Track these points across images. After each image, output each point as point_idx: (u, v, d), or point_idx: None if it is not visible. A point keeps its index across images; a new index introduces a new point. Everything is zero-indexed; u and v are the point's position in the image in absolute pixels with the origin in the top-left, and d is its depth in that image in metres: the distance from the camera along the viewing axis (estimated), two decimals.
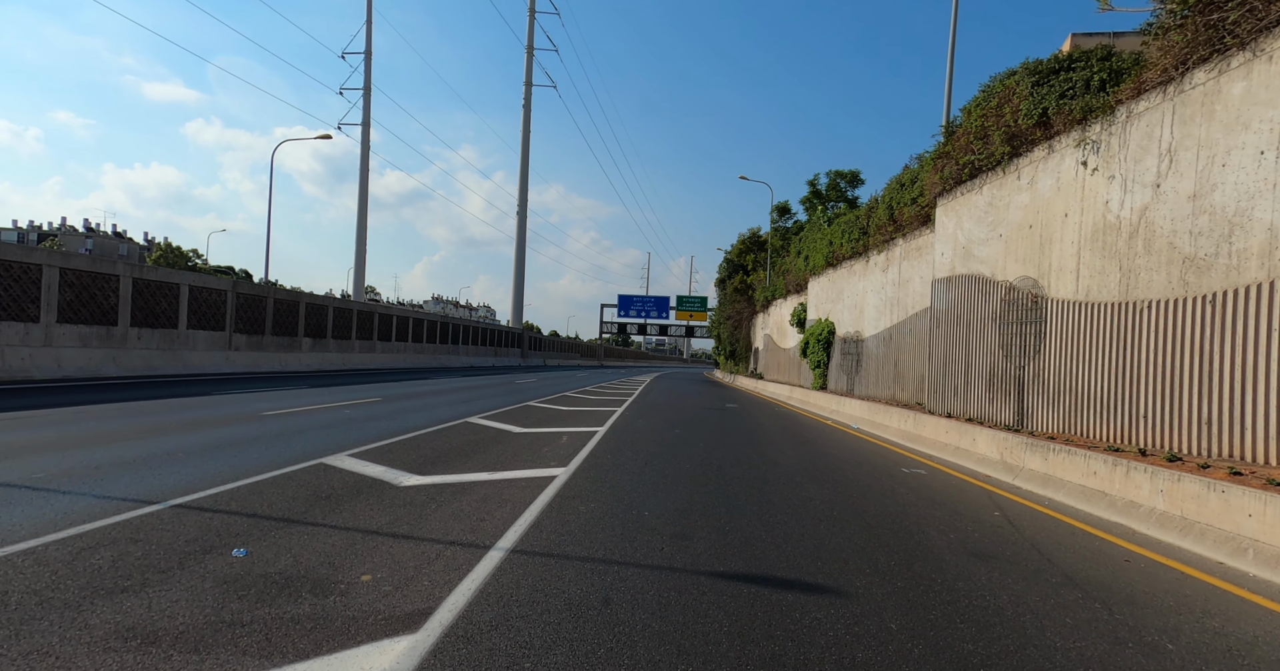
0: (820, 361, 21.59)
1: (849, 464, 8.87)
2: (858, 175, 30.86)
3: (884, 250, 16.86)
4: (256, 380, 18.69)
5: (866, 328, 18.15)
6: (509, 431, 10.12)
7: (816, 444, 10.87)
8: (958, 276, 11.42)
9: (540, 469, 7.12)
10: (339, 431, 9.02)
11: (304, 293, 26.80)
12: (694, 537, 4.74)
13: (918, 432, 11.50)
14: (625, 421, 12.46)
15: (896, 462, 9.24)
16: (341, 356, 28.76)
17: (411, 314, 37.49)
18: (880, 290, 17.11)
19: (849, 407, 16.07)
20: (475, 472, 6.71)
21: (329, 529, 4.42)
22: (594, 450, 8.66)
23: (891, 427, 12.80)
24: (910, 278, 15.07)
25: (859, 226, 18.54)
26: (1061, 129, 8.38)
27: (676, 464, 7.91)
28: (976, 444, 9.24)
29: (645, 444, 9.51)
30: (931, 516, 5.91)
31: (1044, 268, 8.80)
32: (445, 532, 4.49)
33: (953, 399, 11.61)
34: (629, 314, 68.40)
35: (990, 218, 10.31)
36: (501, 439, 9.26)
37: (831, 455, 9.61)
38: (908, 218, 14.75)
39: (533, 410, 13.74)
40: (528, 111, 58.95)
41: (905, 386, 15.08)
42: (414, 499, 5.44)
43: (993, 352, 10.10)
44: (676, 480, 6.88)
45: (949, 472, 8.60)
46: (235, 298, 21.66)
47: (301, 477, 5.97)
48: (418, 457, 7.34)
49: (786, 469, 8.06)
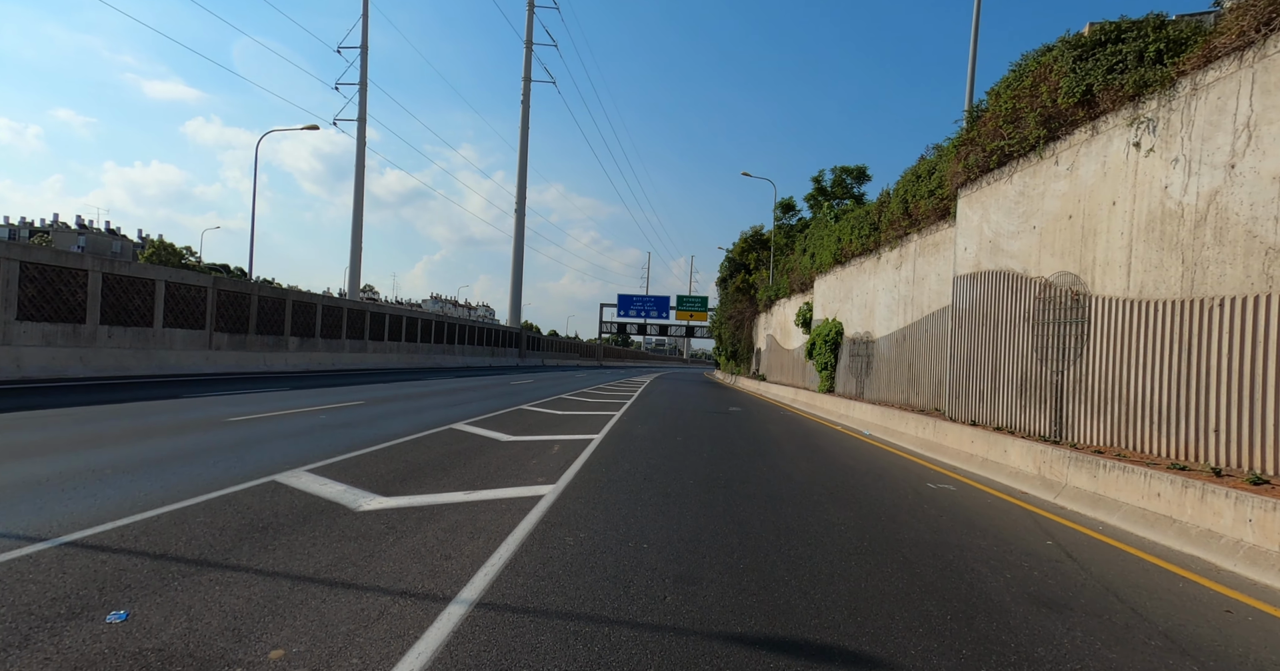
0: (827, 363, 20.76)
1: (868, 477, 8.04)
2: (864, 171, 30.00)
3: (897, 246, 16.02)
4: (237, 381, 17.84)
5: (877, 328, 17.31)
6: (496, 440, 9.28)
7: (829, 453, 10.04)
8: (983, 273, 10.58)
9: (525, 486, 6.28)
10: (306, 441, 8.17)
11: (291, 290, 25.91)
12: (703, 580, 3.91)
13: (938, 441, 10.67)
14: (623, 427, 11.63)
15: (920, 476, 8.41)
16: (331, 356, 27.86)
17: (405, 313, 36.55)
18: (892, 289, 16.27)
19: (859, 412, 15.24)
20: (450, 492, 5.87)
21: (252, 574, 3.57)
22: (588, 462, 7.83)
23: (908, 435, 11.96)
24: (926, 275, 14.23)
25: (869, 222, 17.69)
26: (1109, 107, 7.54)
27: (679, 479, 7.08)
28: (1008, 456, 8.41)
29: (645, 454, 8.68)
30: (975, 546, 5.08)
31: (1087, 262, 7.96)
32: (398, 578, 3.65)
33: (977, 405, 10.76)
34: (629, 314, 67.56)
35: (1021, 208, 9.47)
36: (486, 449, 8.42)
37: (847, 467, 8.78)
38: (924, 211, 13.91)
39: (525, 415, 12.90)
40: (526, 107, 58.09)
41: (920, 390, 14.24)
42: (369, 529, 4.59)
43: (1025, 355, 9.26)
44: (680, 500, 6.05)
45: (981, 488, 7.77)
46: (216, 295, 20.76)
47: (243, 501, 5.12)
48: (387, 473, 6.49)
49: (801, 484, 7.23)
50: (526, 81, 58.04)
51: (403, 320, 36.03)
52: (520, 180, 59.37)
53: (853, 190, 30.12)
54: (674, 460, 8.35)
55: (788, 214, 35.56)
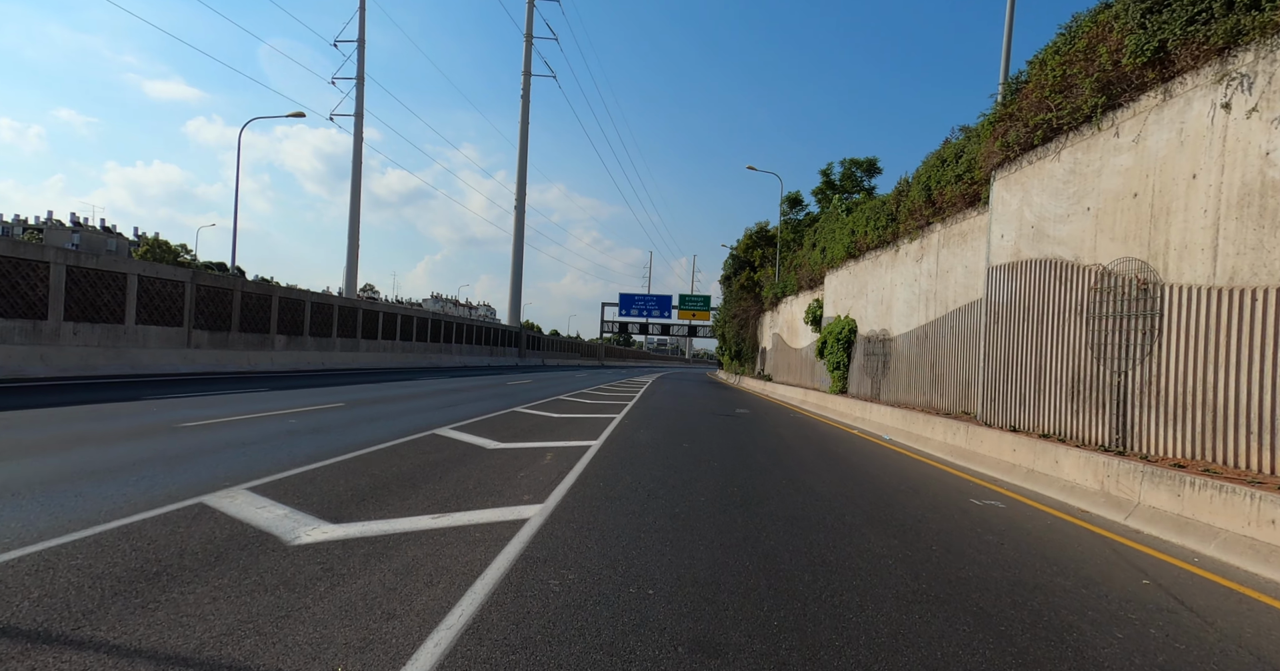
0: (840, 363, 19.73)
1: (902, 492, 7.03)
2: (874, 163, 28.94)
3: (917, 237, 14.99)
4: (214, 381, 16.86)
5: (895, 325, 16.28)
6: (482, 447, 8.28)
7: (852, 462, 9.03)
8: (1025, 261, 9.55)
9: (508, 507, 5.28)
10: (260, 451, 7.16)
11: (277, 285, 24.86)
12: (728, 648, 2.91)
13: (971, 449, 9.64)
14: (624, 432, 10.62)
15: (960, 490, 7.39)
16: (321, 355, 26.82)
17: (400, 311, 35.47)
18: (912, 283, 15.24)
19: (876, 415, 14.22)
20: (415, 516, 4.86)
21: (100, 654, 2.56)
22: (584, 474, 6.82)
23: (935, 441, 10.94)
24: (951, 267, 13.20)
25: (886, 212, 16.67)
26: (1188, 65, 6.51)
27: (689, 495, 6.07)
28: (1060, 467, 7.39)
29: (648, 464, 7.67)
30: (1059, 588, 4.07)
31: (1157, 246, 6.93)
32: (315, 651, 2.65)
33: (1017, 409, 9.74)
34: (630, 313, 66.57)
35: (1072, 188, 8.44)
36: (469, 458, 7.42)
37: (875, 479, 7.77)
38: (949, 198, 12.88)
39: (518, 418, 11.89)
40: (526, 102, 57.05)
41: (945, 392, 13.22)
42: (299, 572, 3.59)
43: (1077, 353, 8.23)
44: (691, 524, 5.04)
45: (1033, 506, 6.77)
46: (195, 290, 19.72)
47: (149, 533, 4.11)
48: (345, 491, 5.48)
49: (828, 501, 6.22)
50: (526, 76, 57.04)
51: (397, 318, 34.95)
52: (520, 176, 58.38)
53: (863, 183, 29.07)
54: (682, 471, 7.35)
55: (795, 209, 34.49)
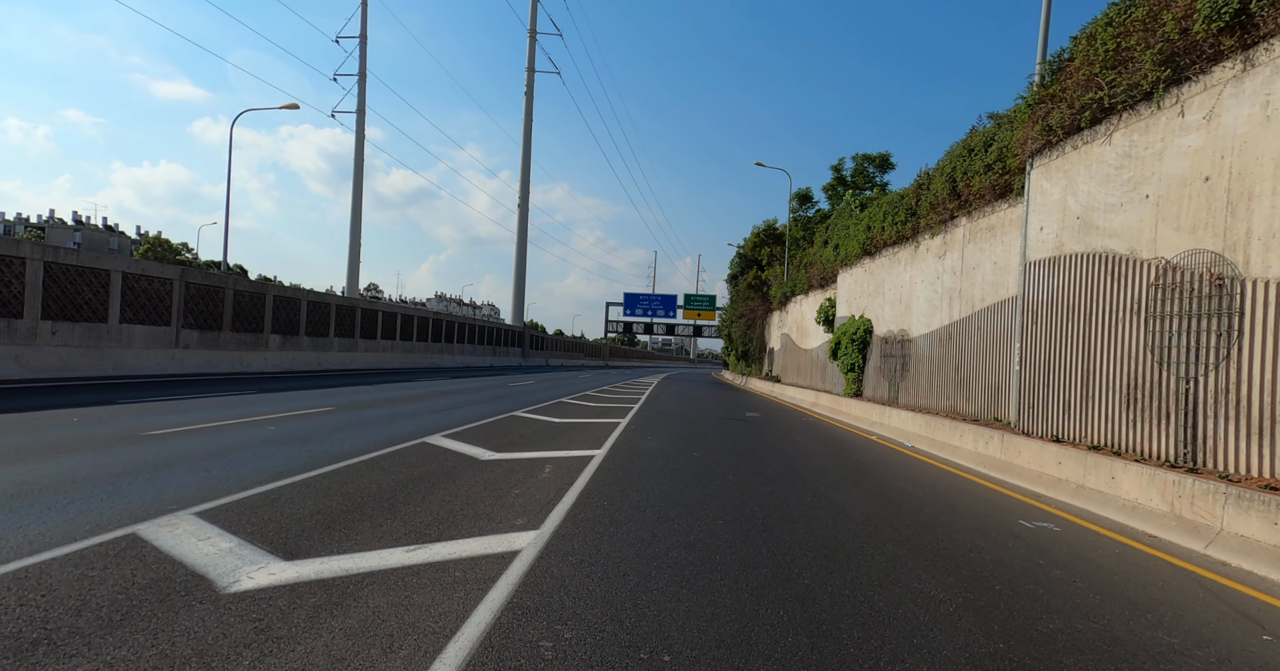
0: (854, 364, 18.92)
1: (940, 510, 6.26)
2: (888, 158, 28.09)
3: (940, 232, 14.17)
4: (201, 383, 16.18)
5: (914, 325, 15.47)
6: (475, 458, 7.54)
7: (878, 474, 8.26)
8: (1069, 256, 8.75)
9: (497, 534, 4.53)
10: (224, 464, 6.42)
11: (272, 283, 24.14)
12: None
13: (1007, 460, 8.86)
14: (630, 440, 9.87)
15: (1003, 508, 6.62)
16: (317, 356, 26.10)
17: (400, 310, 34.67)
18: (934, 281, 14.43)
19: (896, 420, 13.43)
20: (387, 548, 4.12)
21: None
22: (586, 491, 6.08)
23: (964, 450, 10.16)
24: (979, 263, 12.40)
25: (905, 207, 15.85)
26: (1276, 28, 5.72)
27: (704, 517, 5.31)
28: (1118, 484, 6.60)
29: (657, 477, 6.92)
30: (1169, 649, 3.29)
31: (1236, 236, 6.13)
32: None
33: (1061, 417, 8.94)
34: (635, 313, 65.73)
35: (1127, 174, 7.63)
36: (459, 471, 6.67)
37: (907, 494, 7.00)
38: (977, 190, 12.07)
39: (517, 424, 11.15)
40: (530, 98, 56.31)
41: (971, 396, 12.42)
42: (227, 633, 2.84)
43: (1134, 357, 7.43)
44: (709, 556, 4.28)
45: (1093, 530, 5.99)
46: (184, 288, 19.00)
47: (53, 578, 3.37)
48: (310, 515, 4.74)
49: (863, 525, 5.46)
50: (530, 72, 56.30)
51: (397, 317, 34.18)
52: (524, 174, 57.66)
53: (875, 179, 28.23)
54: (694, 486, 6.59)
55: (804, 205, 33.65)
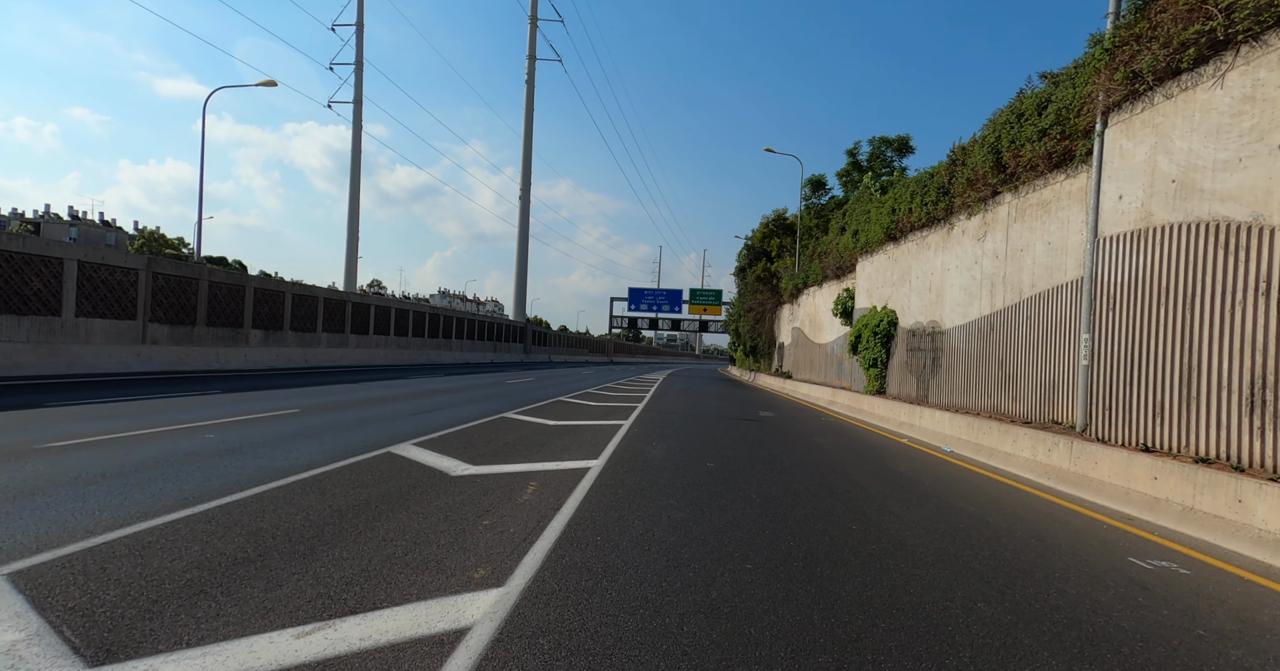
0: (876, 359, 17.48)
1: (1024, 543, 4.86)
2: (907, 141, 26.51)
3: (978, 212, 12.71)
4: (167, 382, 14.87)
5: (947, 316, 14.03)
6: (445, 473, 6.17)
7: (927, 489, 6.85)
8: (1162, 228, 7.30)
9: (440, 599, 3.13)
10: (116, 488, 5.04)
11: (252, 275, 22.74)
12: None
13: (1080, 472, 7.44)
14: (633, 446, 8.50)
15: (1099, 538, 5.20)
16: (303, 352, 24.73)
17: (394, 304, 33.27)
18: (971, 266, 12.98)
19: (928, 421, 12.01)
20: (267, 631, 2.71)
21: None
22: (574, 522, 4.69)
23: (1019, 458, 8.74)
24: (1027, 245, 10.94)
25: (936, 185, 14.38)
26: None
27: (728, 563, 3.90)
28: (1249, 510, 5.19)
29: (664, 499, 5.53)
30: None
31: None
32: None
33: (1152, 421, 7.50)
34: (640, 308, 64.39)
35: (1248, 121, 6.18)
36: (420, 493, 5.30)
37: (972, 517, 5.59)
38: (1027, 160, 10.60)
39: (506, 427, 9.79)
40: (531, 87, 54.75)
41: (1019, 395, 10.98)
42: None
43: (1261, 348, 5.99)
44: (743, 636, 2.83)
45: (1235, 573, 4.59)
46: (152, 279, 17.64)
47: None
48: (182, 570, 3.34)
49: (936, 568, 4.04)
50: (531, 60, 54.73)
51: (391, 312, 32.74)
52: (525, 164, 56.18)
53: (893, 164, 26.70)
54: (710, 510, 5.20)
55: (818, 192, 32.07)
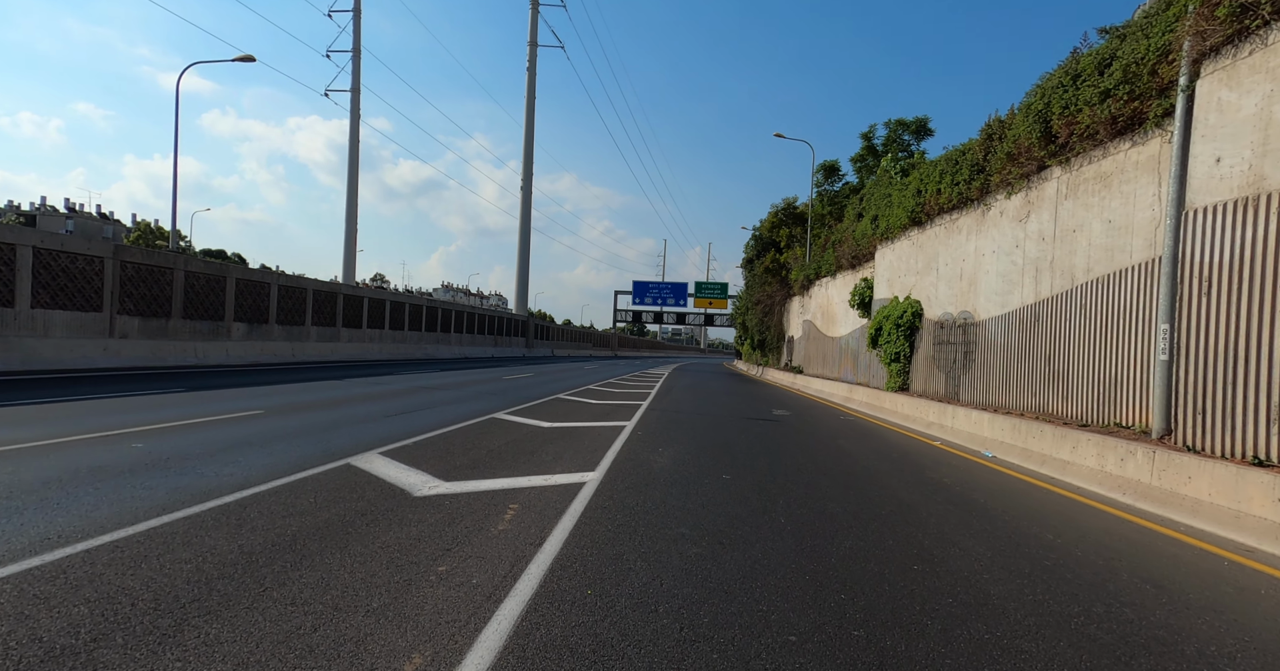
0: (899, 354, 16.25)
1: (1139, 591, 3.65)
2: (925, 124, 25.13)
3: (1021, 189, 11.45)
4: (131, 379, 13.77)
5: (981, 306, 12.79)
6: (408, 493, 5.00)
7: (982, 506, 5.65)
8: (1278, 193, 6.07)
9: None
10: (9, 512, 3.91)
11: (235, 265, 21.51)
12: None
13: (1167, 487, 6.24)
14: (635, 454, 7.33)
15: (1233, 583, 3.99)
16: (291, 347, 23.62)
17: (389, 297, 32.07)
18: (1011, 250, 11.74)
19: (962, 422, 10.81)
20: None
21: None
22: (559, 563, 3.50)
23: (1080, 468, 7.54)
24: (1082, 224, 9.69)
25: (969, 163, 13.11)
26: None
27: (763, 636, 2.63)
28: None
29: (673, 528, 4.33)
30: None
31: None
32: None
33: (1262, 429, 6.29)
34: (644, 301, 63.25)
35: None
36: (370, 522, 4.11)
37: (1055, 550, 4.38)
38: (1085, 127, 9.33)
39: (494, 430, 8.63)
40: (533, 74, 53.35)
41: (1071, 394, 9.77)
42: None
43: None
44: None
45: None
46: (120, 268, 16.49)
47: None
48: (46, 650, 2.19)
49: (1035, 634, 2.82)
50: (532, 46, 53.33)
51: (386, 304, 31.54)
52: (526, 153, 54.87)
53: (911, 148, 25.35)
54: (733, 547, 4.01)
55: (830, 179, 30.71)
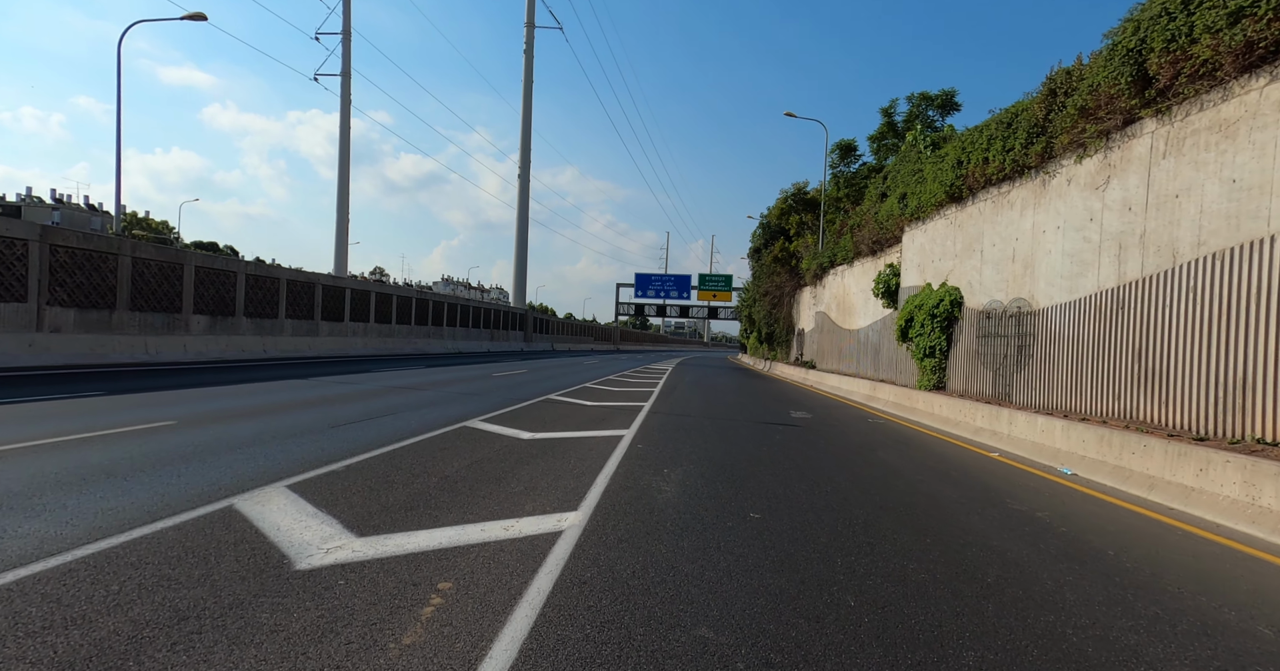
0: (934, 347, 14.38)
1: None
2: (952, 97, 23.11)
3: (1099, 149, 9.54)
4: (52, 380, 12.00)
5: (1041, 292, 10.91)
6: (289, 563, 3.12)
7: (1111, 561, 3.79)
8: None
9: None
10: None
11: (194, 252, 19.57)
12: None
13: None
14: (634, 478, 5.49)
15: None
16: (261, 341, 21.87)
17: (375, 288, 30.19)
18: (1083, 224, 9.85)
19: (1022, 428, 8.93)
20: None
21: None
22: None
23: (1218, 497, 5.69)
24: (1189, 186, 7.81)
25: (1026, 123, 11.19)
26: None
27: None
28: None
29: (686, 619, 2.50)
30: None
31: None
32: None
33: None
34: (647, 294, 61.46)
35: None
36: (202, 627, 2.28)
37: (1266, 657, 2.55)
38: (1202, 61, 7.40)
39: (458, 445, 6.79)
40: (530, 57, 51.26)
41: (1172, 397, 7.91)
42: None
43: None
44: None
45: None
46: (49, 253, 14.67)
47: None
48: None
49: None
50: (530, 28, 51.22)
51: (371, 296, 29.64)
52: (524, 141, 52.88)
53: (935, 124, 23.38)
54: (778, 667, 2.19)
55: (846, 159, 28.74)
